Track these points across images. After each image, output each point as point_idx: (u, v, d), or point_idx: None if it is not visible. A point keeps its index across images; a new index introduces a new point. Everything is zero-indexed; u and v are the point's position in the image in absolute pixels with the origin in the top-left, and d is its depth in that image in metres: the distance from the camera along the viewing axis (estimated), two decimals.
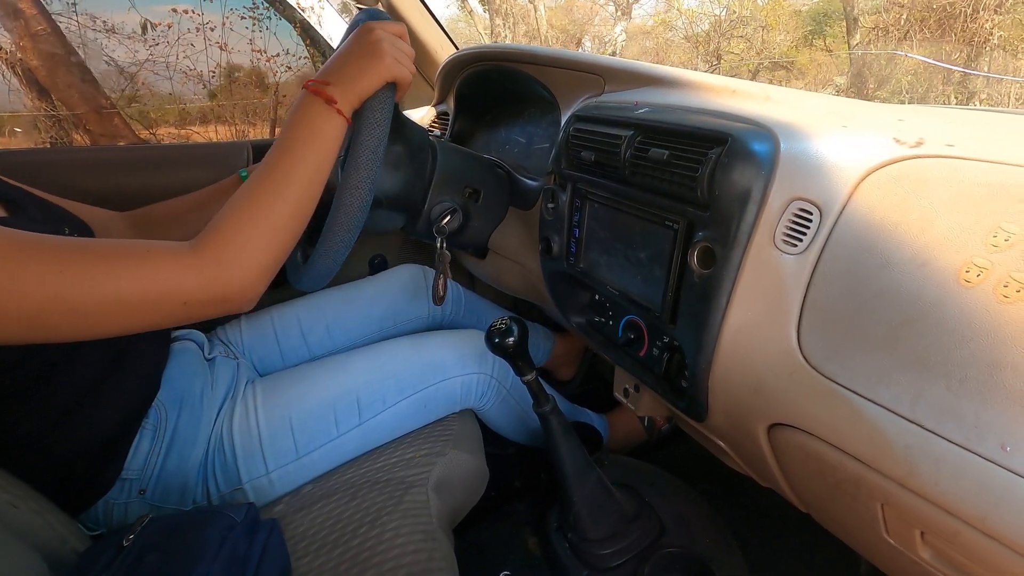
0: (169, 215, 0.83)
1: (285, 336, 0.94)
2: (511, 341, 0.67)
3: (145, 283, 0.49)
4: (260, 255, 0.55)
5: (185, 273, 0.51)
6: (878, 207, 0.44)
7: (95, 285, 0.47)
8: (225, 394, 0.75)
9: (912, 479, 0.38)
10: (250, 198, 0.56)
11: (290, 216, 0.57)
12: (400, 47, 0.63)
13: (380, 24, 0.63)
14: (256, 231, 0.55)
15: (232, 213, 0.55)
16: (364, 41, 0.62)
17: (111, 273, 0.48)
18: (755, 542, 0.86)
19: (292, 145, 0.59)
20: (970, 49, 6.53)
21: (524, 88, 0.96)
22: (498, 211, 0.91)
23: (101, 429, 0.63)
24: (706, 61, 8.90)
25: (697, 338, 0.54)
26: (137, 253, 0.51)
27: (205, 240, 0.53)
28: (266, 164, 0.58)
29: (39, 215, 0.64)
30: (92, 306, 0.48)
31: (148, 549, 0.48)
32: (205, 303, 0.53)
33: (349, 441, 0.76)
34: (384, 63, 0.61)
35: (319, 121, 0.59)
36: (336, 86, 0.60)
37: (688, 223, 0.55)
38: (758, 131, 0.51)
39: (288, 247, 0.58)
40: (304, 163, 0.58)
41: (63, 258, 0.47)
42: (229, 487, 0.70)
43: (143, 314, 0.51)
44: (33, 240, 0.47)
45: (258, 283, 0.55)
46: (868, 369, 0.41)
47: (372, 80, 0.61)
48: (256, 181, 0.57)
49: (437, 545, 0.64)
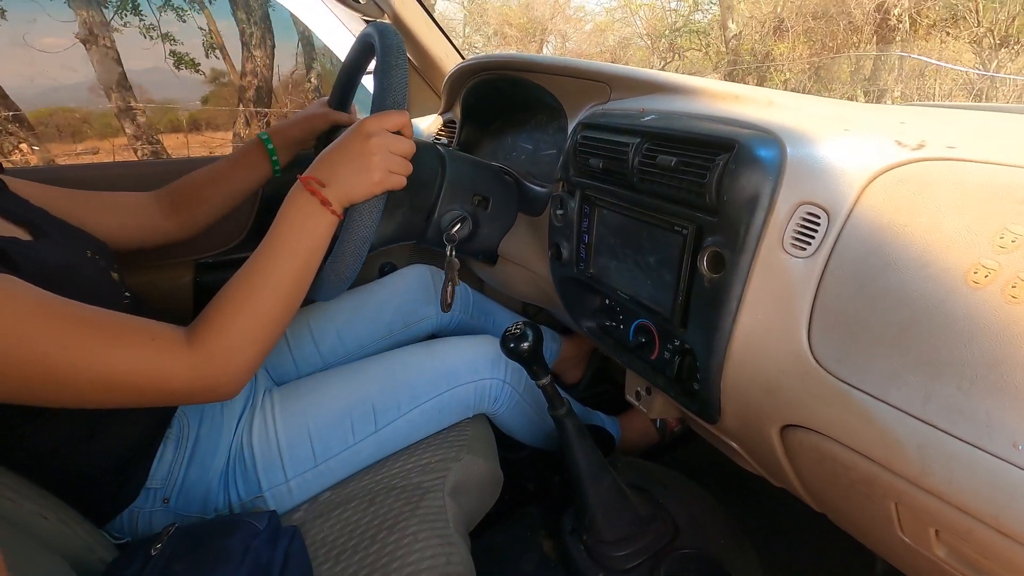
0: (190, 190, 0.88)
1: (297, 344, 0.95)
2: (526, 346, 0.68)
3: (139, 371, 0.51)
4: (249, 349, 0.57)
5: (179, 367, 0.53)
6: (885, 210, 0.44)
7: (92, 365, 0.49)
8: (244, 404, 0.76)
9: (925, 478, 0.39)
10: (244, 290, 0.58)
11: (280, 309, 0.60)
12: (396, 151, 0.64)
13: (379, 122, 0.64)
14: (247, 324, 0.57)
15: (226, 306, 0.57)
16: (360, 150, 0.63)
17: (111, 356, 0.50)
18: (769, 543, 0.87)
19: (285, 239, 0.61)
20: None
21: (530, 96, 0.97)
22: (507, 218, 0.92)
23: (127, 441, 0.64)
24: (662, 58, 8.91)
25: (708, 341, 0.55)
26: (139, 340, 0.52)
27: (200, 332, 0.55)
28: (259, 256, 0.60)
29: (61, 238, 0.66)
30: (84, 383, 0.49)
31: (175, 558, 0.50)
32: (192, 394, 0.55)
33: (365, 448, 0.77)
34: (375, 179, 0.63)
35: (313, 220, 0.61)
36: (331, 188, 0.62)
37: (697, 228, 0.56)
38: (764, 137, 0.51)
39: (276, 338, 0.60)
40: (297, 257, 0.61)
41: (69, 332, 0.49)
42: (250, 495, 0.71)
43: (128, 397, 0.52)
44: (46, 307, 0.49)
45: (245, 376, 0.58)
46: (879, 370, 0.42)
47: (363, 192, 0.63)
48: (249, 273, 0.59)
49: (455, 549, 0.65)
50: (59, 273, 0.58)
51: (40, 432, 0.58)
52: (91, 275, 0.64)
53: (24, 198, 0.68)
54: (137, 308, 0.70)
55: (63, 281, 0.57)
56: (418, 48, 1.23)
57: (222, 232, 1.15)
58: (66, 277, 0.59)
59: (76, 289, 0.58)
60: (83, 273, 0.63)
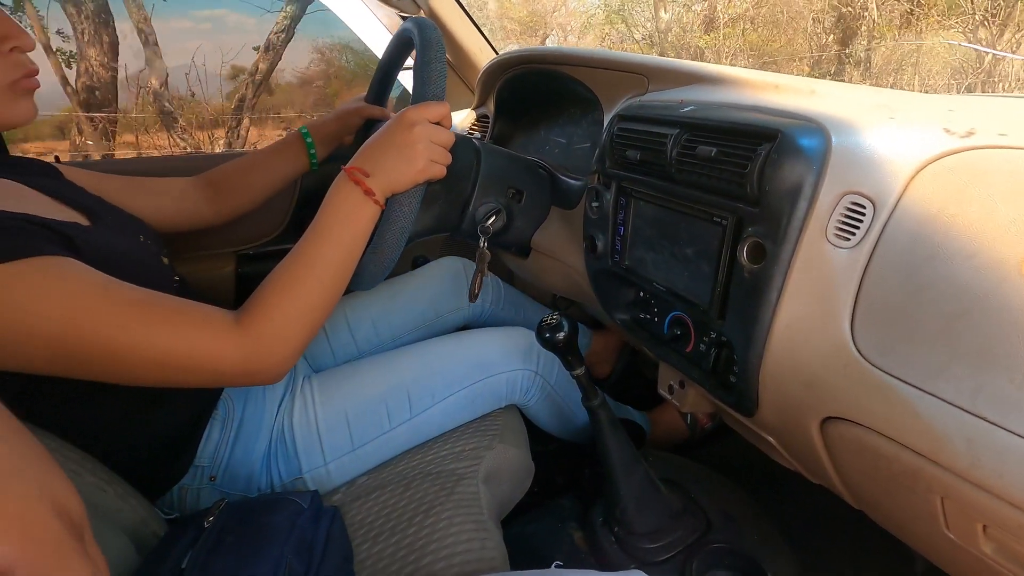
0: (230, 177, 0.92)
1: (335, 333, 0.98)
2: (561, 336, 0.69)
3: (191, 352, 0.54)
4: (294, 335, 0.59)
5: (228, 348, 0.55)
6: (934, 199, 0.44)
7: (148, 345, 0.52)
8: (285, 389, 0.79)
9: (974, 471, 0.38)
10: (290, 277, 0.60)
11: (324, 296, 0.61)
12: (437, 141, 0.65)
13: (421, 112, 0.65)
14: (293, 310, 0.59)
15: (272, 292, 0.59)
16: (403, 140, 0.64)
17: (166, 336, 0.53)
18: (804, 540, 0.86)
19: (329, 228, 0.62)
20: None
21: (564, 89, 0.97)
22: (541, 211, 0.93)
23: (178, 420, 0.67)
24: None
25: (747, 333, 0.54)
26: (192, 322, 0.55)
27: (248, 316, 0.57)
28: (304, 244, 0.62)
29: (116, 223, 0.69)
30: (139, 361, 0.52)
31: (226, 531, 0.52)
32: (239, 375, 0.57)
33: (401, 434, 0.79)
34: (418, 167, 0.64)
35: (357, 209, 0.63)
36: (375, 178, 0.63)
37: (737, 219, 0.55)
38: (808, 126, 0.51)
39: (320, 324, 0.62)
40: (341, 246, 0.62)
41: (128, 313, 0.51)
42: (290, 476, 0.73)
43: (179, 376, 0.55)
44: (107, 289, 0.52)
45: (290, 361, 0.60)
46: (925, 362, 0.41)
47: (407, 180, 0.64)
48: (294, 260, 0.61)
49: (489, 536, 0.66)
50: (116, 257, 0.61)
51: (99, 408, 0.61)
52: (144, 259, 0.67)
53: (80, 186, 0.72)
54: (185, 292, 0.73)
55: (120, 264, 0.60)
56: (453, 43, 1.25)
57: (262, 224, 1.19)
58: (122, 260, 0.62)
59: (131, 272, 0.61)
60: (137, 257, 0.66)
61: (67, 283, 0.50)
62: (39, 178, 0.67)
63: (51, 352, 0.49)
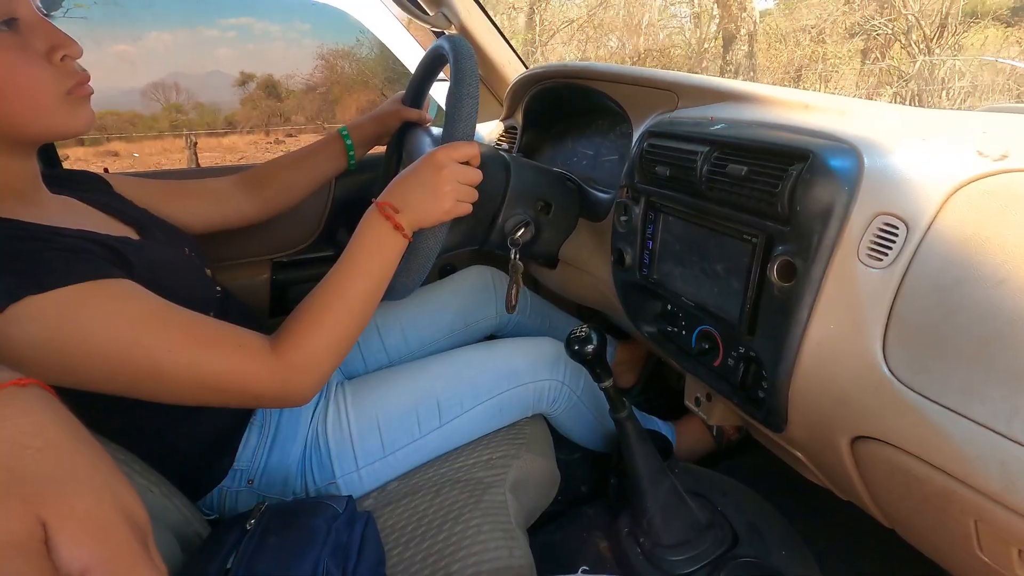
0: (272, 174, 0.96)
1: (365, 340, 1.00)
2: (591, 348, 0.70)
3: (229, 375, 0.57)
4: (325, 361, 0.62)
5: (263, 373, 0.58)
6: (969, 222, 0.44)
7: (191, 368, 0.55)
8: (319, 396, 0.81)
9: (1009, 496, 0.38)
10: (321, 306, 0.63)
11: (352, 323, 0.64)
12: (464, 181, 0.68)
13: (449, 154, 0.67)
14: (323, 340, 0.62)
15: (304, 320, 0.62)
16: (432, 180, 0.67)
17: (208, 360, 0.56)
18: (832, 556, 0.85)
19: (359, 260, 0.66)
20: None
21: (592, 102, 0.98)
22: (569, 223, 0.94)
23: (219, 425, 0.70)
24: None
25: (777, 350, 0.55)
26: (231, 347, 0.58)
27: (281, 344, 0.60)
28: (335, 274, 0.65)
29: (163, 236, 0.72)
30: (181, 382, 0.55)
31: (268, 532, 0.54)
32: (271, 399, 0.60)
33: (431, 442, 0.81)
34: (445, 207, 0.67)
35: (387, 243, 0.66)
36: (404, 214, 0.66)
37: (767, 237, 0.56)
38: (840, 147, 0.51)
39: (348, 349, 0.65)
40: (370, 276, 0.66)
41: (176, 337, 0.54)
42: (324, 481, 0.76)
43: (216, 397, 0.58)
44: (158, 313, 0.55)
45: (318, 385, 0.63)
46: (959, 383, 0.42)
47: (433, 219, 0.68)
48: (326, 290, 0.64)
49: (517, 543, 0.67)
50: (165, 270, 0.64)
51: (147, 414, 0.64)
52: (189, 271, 0.70)
53: (128, 199, 0.76)
54: (227, 302, 0.76)
55: (168, 277, 0.63)
56: (482, 57, 1.27)
57: (296, 233, 1.23)
58: (171, 273, 0.65)
59: (178, 284, 0.64)
60: (183, 269, 0.69)
61: (128, 306, 0.53)
62: (92, 193, 0.71)
63: (105, 372, 0.52)
